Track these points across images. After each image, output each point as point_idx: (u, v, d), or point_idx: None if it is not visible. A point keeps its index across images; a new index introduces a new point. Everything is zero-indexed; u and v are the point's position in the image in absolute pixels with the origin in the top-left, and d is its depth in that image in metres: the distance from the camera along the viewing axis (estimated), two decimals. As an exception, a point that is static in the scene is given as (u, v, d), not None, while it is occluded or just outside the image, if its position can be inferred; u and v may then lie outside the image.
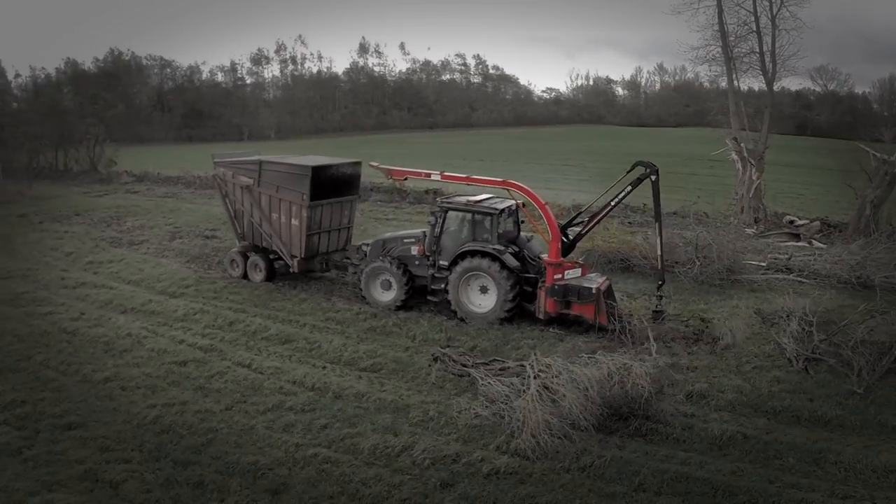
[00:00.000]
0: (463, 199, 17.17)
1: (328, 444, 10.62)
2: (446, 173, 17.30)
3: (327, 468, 9.87)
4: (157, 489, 9.36)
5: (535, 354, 12.16)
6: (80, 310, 16.65)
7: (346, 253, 19.01)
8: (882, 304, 15.69)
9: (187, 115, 74.23)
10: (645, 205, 27.38)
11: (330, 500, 9.14)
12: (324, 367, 13.64)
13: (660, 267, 16.39)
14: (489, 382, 11.90)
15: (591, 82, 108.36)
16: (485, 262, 15.81)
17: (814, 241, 22.83)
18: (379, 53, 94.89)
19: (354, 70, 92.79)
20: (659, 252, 16.28)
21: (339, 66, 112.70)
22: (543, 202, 16.14)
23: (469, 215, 16.50)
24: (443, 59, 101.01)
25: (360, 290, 17.43)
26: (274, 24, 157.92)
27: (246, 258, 19.44)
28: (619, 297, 17.20)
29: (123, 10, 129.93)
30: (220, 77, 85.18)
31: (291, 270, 18.86)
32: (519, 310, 16.09)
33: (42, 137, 39.04)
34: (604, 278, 16.18)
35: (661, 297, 16.09)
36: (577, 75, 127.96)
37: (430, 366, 13.47)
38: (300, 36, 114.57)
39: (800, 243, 22.87)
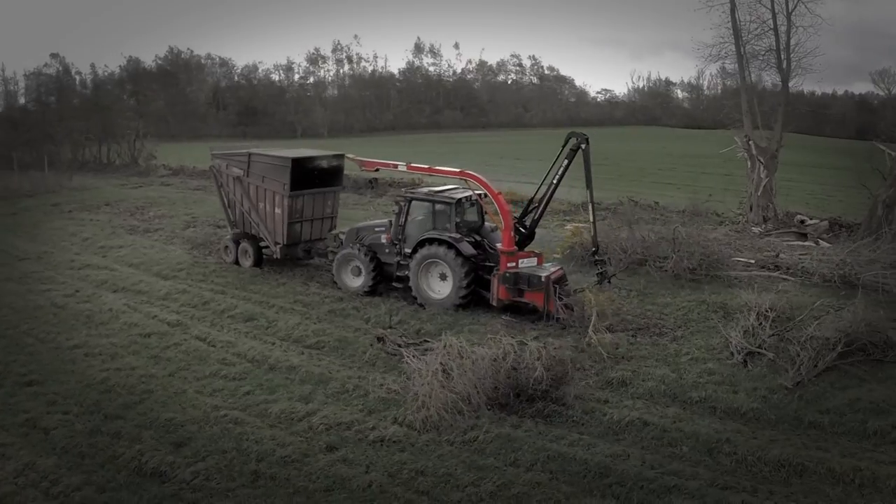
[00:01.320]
0: (426, 189, 18.23)
1: (243, 408, 11.95)
2: (412, 164, 18.42)
3: (231, 427, 11.18)
4: (81, 437, 10.88)
5: (444, 335, 13.10)
6: (77, 288, 18.66)
7: (325, 241, 20.33)
8: (843, 300, 15.78)
9: (242, 112, 78.01)
10: (657, 203, 27.77)
11: (223, 454, 10.41)
12: (273, 343, 15.02)
13: (593, 234, 16.96)
14: (409, 361, 12.94)
15: (650, 84, 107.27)
16: (441, 250, 16.83)
17: (820, 241, 22.73)
18: (434, 53, 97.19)
19: (410, 70, 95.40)
20: (591, 220, 16.92)
21: (394, 65, 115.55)
22: (497, 192, 17.00)
23: (430, 205, 17.55)
24: (499, 60, 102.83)
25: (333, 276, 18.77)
26: (331, 24, 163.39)
27: (238, 245, 21.08)
28: (592, 289, 17.95)
29: (186, 10, 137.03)
30: (277, 76, 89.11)
31: (274, 256, 20.37)
32: (477, 297, 17.01)
33: (87, 132, 42.45)
34: (557, 268, 16.94)
35: (597, 261, 16.88)
36: (639, 77, 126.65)
37: (371, 346, 14.60)
38: (356, 36, 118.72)
39: (806, 243, 22.81)
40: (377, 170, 19.25)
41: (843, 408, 11.65)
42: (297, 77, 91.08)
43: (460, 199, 17.25)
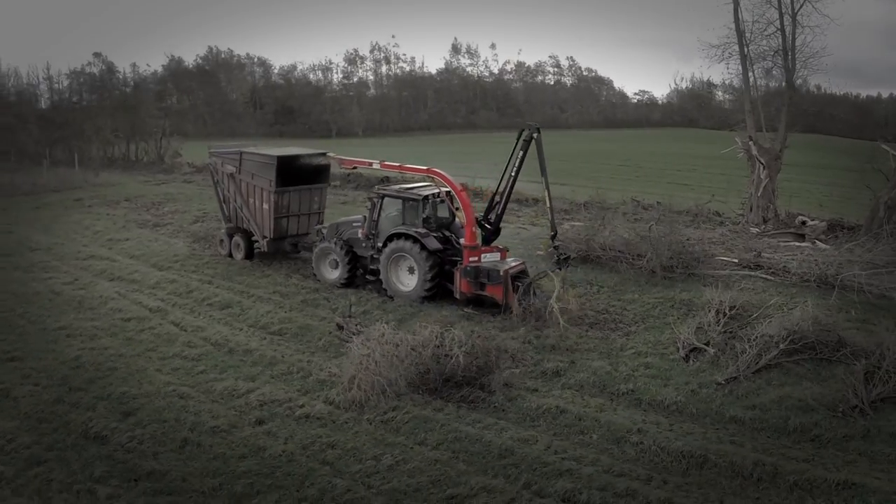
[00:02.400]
0: (398, 186, 19.40)
1: (193, 385, 13.34)
2: (385, 162, 19.63)
3: (176, 401, 12.57)
4: (44, 405, 12.41)
5: (383, 323, 14.22)
6: (76, 276, 20.48)
7: (309, 236, 21.67)
8: (803, 299, 16.28)
9: (279, 111, 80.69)
10: (659, 203, 28.27)
11: (162, 423, 11.77)
12: (240, 329, 16.41)
13: (550, 219, 17.94)
14: (352, 346, 14.12)
15: (692, 85, 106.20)
16: (408, 244, 17.96)
17: (817, 242, 23.03)
18: (471, 54, 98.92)
19: (448, 70, 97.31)
20: (548, 205, 17.82)
21: (432, 66, 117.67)
22: (460, 188, 18.03)
23: (400, 201, 18.72)
24: (537, 62, 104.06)
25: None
26: (370, 25, 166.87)
27: (231, 238, 22.63)
28: (562, 286, 18.86)
29: (227, 11, 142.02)
30: (314, 76, 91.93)
31: (262, 249, 21.84)
32: (444, 290, 18.08)
33: (116, 130, 45.11)
34: (518, 262, 17.89)
35: (556, 246, 17.81)
36: (682, 78, 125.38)
37: (330, 333, 15.86)
38: (393, 36, 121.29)
39: (803, 244, 23.13)
40: (355, 168, 20.50)
41: (769, 404, 12.23)
42: (335, 77, 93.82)
43: (427, 196, 18.35)
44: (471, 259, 17.53)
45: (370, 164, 19.91)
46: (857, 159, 29.66)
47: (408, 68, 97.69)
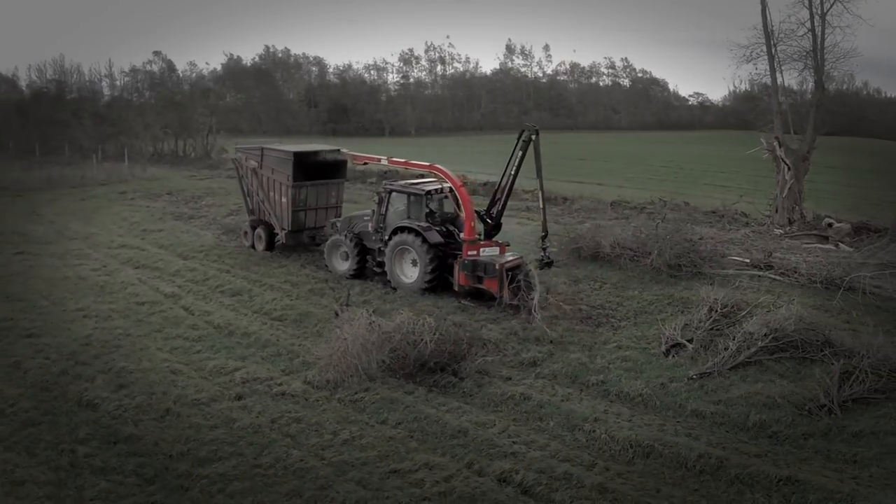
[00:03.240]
0: (404, 181, 20.24)
1: (187, 362, 14.46)
2: (392, 158, 20.53)
3: (168, 375, 13.69)
4: (50, 376, 13.69)
5: (367, 310, 15.01)
6: (105, 264, 22.04)
7: (325, 228, 22.71)
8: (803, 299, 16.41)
9: (332, 110, 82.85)
10: (687, 203, 28.39)
11: (150, 395, 12.87)
12: (244, 315, 17.52)
13: (542, 219, 18.44)
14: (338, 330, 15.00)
15: (748, 87, 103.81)
16: (410, 237, 18.78)
17: (841, 244, 22.84)
18: (525, 55, 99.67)
19: (502, 71, 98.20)
20: (541, 206, 18.35)
21: (486, 66, 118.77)
22: (459, 184, 18.73)
23: (406, 196, 19.56)
24: (591, 63, 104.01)
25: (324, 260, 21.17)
26: (424, 25, 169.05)
27: (254, 230, 23.91)
28: (564, 282, 19.48)
29: (283, 11, 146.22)
30: (368, 75, 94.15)
31: (281, 241, 23.02)
32: (446, 282, 18.82)
33: (165, 127, 47.52)
34: (516, 257, 18.47)
35: (545, 248, 18.37)
36: (740, 80, 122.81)
37: (328, 320, 16.80)
38: (448, 36, 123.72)
39: (826, 246, 22.99)
40: (366, 163, 21.55)
41: (735, 400, 12.51)
42: (390, 77, 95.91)
43: (429, 191, 19.15)
44: (469, 253, 18.20)
45: (379, 159, 20.83)
46: (892, 162, 29.11)
47: (462, 69, 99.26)
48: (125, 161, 43.06)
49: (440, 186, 19.34)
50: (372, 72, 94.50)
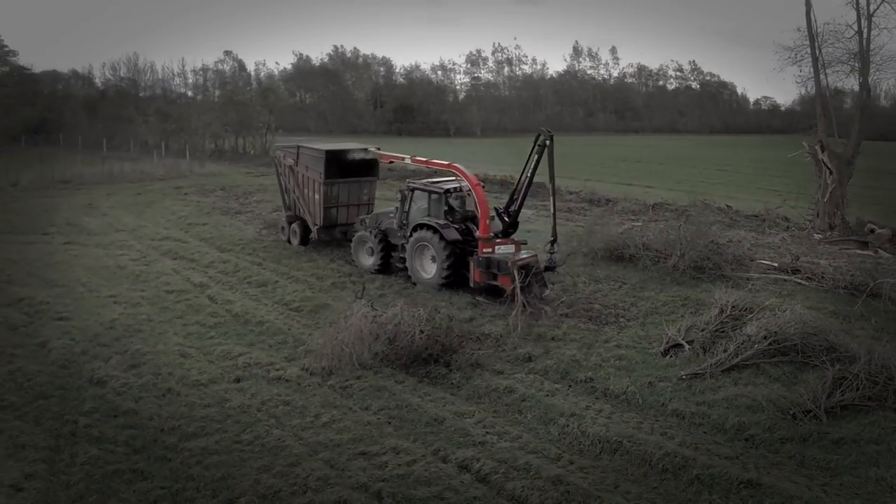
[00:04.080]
0: (427, 180, 20.90)
1: (198, 347, 15.46)
2: (415, 157, 21.20)
3: (177, 358, 14.70)
4: (71, 355, 14.87)
5: (365, 302, 15.68)
6: (145, 254, 23.51)
7: (355, 225, 23.55)
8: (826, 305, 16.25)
9: (398, 110, 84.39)
10: (729, 206, 28.14)
11: (157, 375, 13.89)
12: (265, 305, 18.48)
13: (553, 225, 18.71)
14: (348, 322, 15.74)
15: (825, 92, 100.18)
16: (429, 234, 19.41)
17: (880, 251, 22.29)
18: (592, 57, 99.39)
19: (569, 73, 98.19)
20: (552, 210, 18.56)
21: (553, 68, 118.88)
22: (476, 183, 19.22)
23: (427, 194, 20.20)
24: (659, 66, 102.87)
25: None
26: (492, 27, 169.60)
27: (290, 225, 25.01)
28: (586, 282, 19.84)
29: (351, 12, 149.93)
30: (435, 76, 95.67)
31: (314, 237, 24.02)
32: (464, 279, 19.34)
33: (226, 124, 49.69)
34: (530, 255, 18.84)
35: (552, 252, 18.67)
36: (811, 84, 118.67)
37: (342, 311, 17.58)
38: (515, 38, 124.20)
39: (865, 252, 22.48)
40: (392, 162, 22.36)
41: (719, 401, 12.57)
42: (458, 77, 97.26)
43: (448, 189, 19.74)
44: (484, 250, 18.68)
45: (403, 158, 21.57)
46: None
47: (529, 70, 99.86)
48: (186, 157, 45.31)
49: (460, 185, 19.88)
50: (438, 72, 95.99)
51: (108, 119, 52.52)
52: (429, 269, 19.73)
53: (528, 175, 19.03)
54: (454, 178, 20.27)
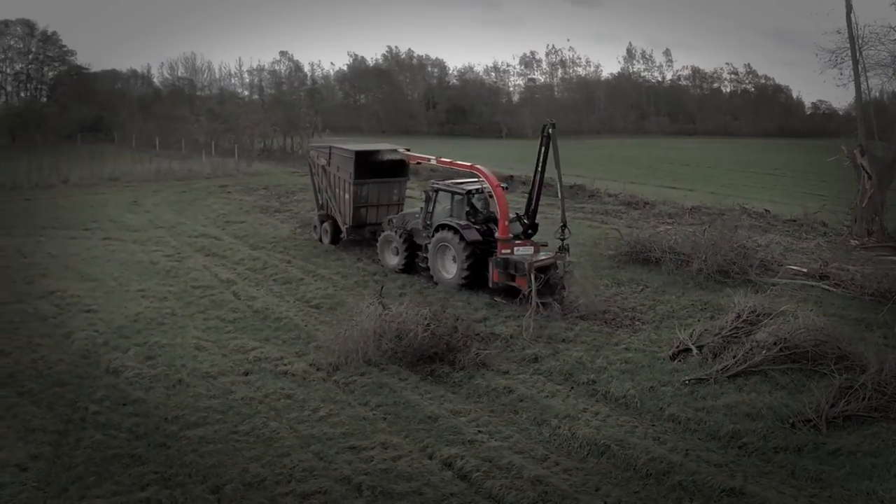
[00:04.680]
0: (450, 181, 21.19)
1: (214, 341, 16.06)
2: (441, 158, 21.55)
3: (192, 351, 15.29)
4: (92, 346, 15.60)
5: (381, 303, 15.99)
6: (179, 250, 24.40)
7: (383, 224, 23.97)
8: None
9: (451, 111, 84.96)
10: (767, 211, 27.77)
11: (170, 366, 14.49)
12: (286, 301, 19.04)
13: (561, 211, 18.94)
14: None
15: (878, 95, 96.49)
16: (450, 235, 19.71)
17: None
18: (645, 59, 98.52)
19: (623, 75, 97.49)
20: (560, 197, 18.76)
21: (606, 70, 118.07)
22: (496, 184, 19.40)
23: (450, 195, 20.50)
24: (714, 69, 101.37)
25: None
26: (545, 29, 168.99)
27: (322, 224, 25.63)
28: (608, 284, 19.90)
29: (406, 14, 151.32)
30: (488, 77, 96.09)
31: (342, 237, 24.58)
32: (483, 279, 19.54)
33: (274, 124, 50.96)
34: (549, 257, 18.92)
35: (563, 238, 18.75)
36: (870, 88, 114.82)
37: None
38: (568, 40, 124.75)
39: (899, 258, 21.87)
40: (418, 163, 22.80)
41: (719, 408, 12.51)
42: (511, 79, 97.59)
43: (470, 191, 20.00)
44: (503, 251, 18.86)
45: (429, 159, 21.95)
46: None
47: (583, 72, 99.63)
48: (234, 156, 46.64)
49: (482, 186, 20.10)
50: (492, 74, 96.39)
51: (161, 118, 54.50)
52: (450, 269, 20.01)
53: (539, 171, 19.13)
54: (477, 179, 20.51)
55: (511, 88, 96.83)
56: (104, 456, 11.06)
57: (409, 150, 23.94)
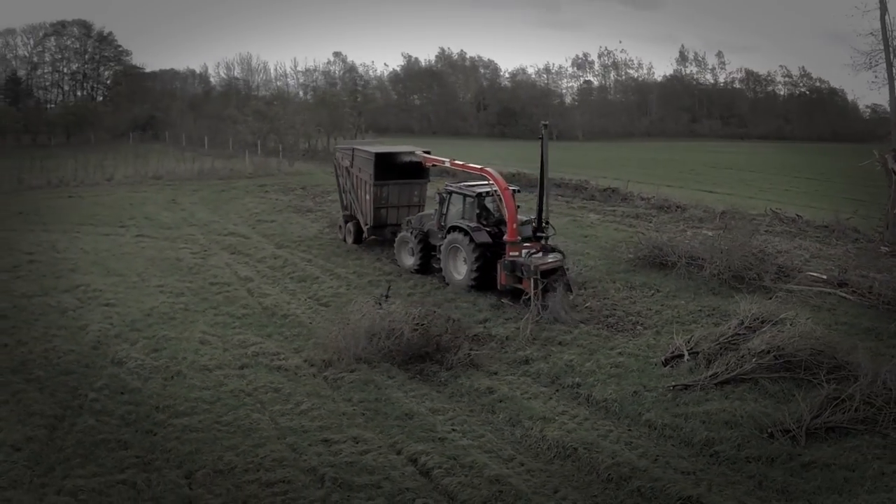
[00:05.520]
0: (464, 183, 21.52)
1: (219, 335, 16.73)
2: (454, 161, 21.92)
3: (196, 344, 15.99)
4: (105, 338, 16.40)
5: (378, 302, 16.43)
6: (206, 248, 25.33)
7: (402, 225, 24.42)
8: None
9: (501, 112, 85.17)
10: (799, 216, 27.36)
11: (173, 358, 15.21)
12: (298, 298, 19.66)
13: (543, 208, 19.36)
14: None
15: None
16: (460, 237, 20.05)
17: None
18: (698, 62, 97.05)
19: (675, 77, 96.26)
20: (539, 194, 19.35)
21: (658, 72, 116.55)
22: (505, 187, 19.62)
23: (462, 197, 20.83)
24: (767, 71, 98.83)
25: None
26: (596, 31, 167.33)
27: (346, 224, 26.27)
28: (619, 288, 19.97)
29: (460, 15, 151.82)
30: (539, 79, 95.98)
31: (364, 237, 25.16)
32: (494, 281, 19.79)
33: (318, 125, 52.09)
34: (555, 259, 19.07)
35: (545, 237, 19.26)
36: None
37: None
38: (620, 41, 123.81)
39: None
40: (434, 165, 23.23)
41: (697, 415, 12.51)
42: (564, 81, 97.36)
43: (480, 193, 20.30)
44: (511, 253, 19.09)
45: (443, 162, 22.35)
46: None
47: (635, 74, 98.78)
48: (279, 156, 47.88)
49: (492, 188, 20.36)
50: (544, 76, 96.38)
51: (210, 118, 56.31)
52: (461, 270, 20.34)
53: (541, 169, 19.34)
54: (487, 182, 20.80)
55: (563, 91, 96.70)
56: (93, 440, 11.76)
57: (428, 152, 24.36)
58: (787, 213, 27.51)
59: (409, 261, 22.30)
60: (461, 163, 21.99)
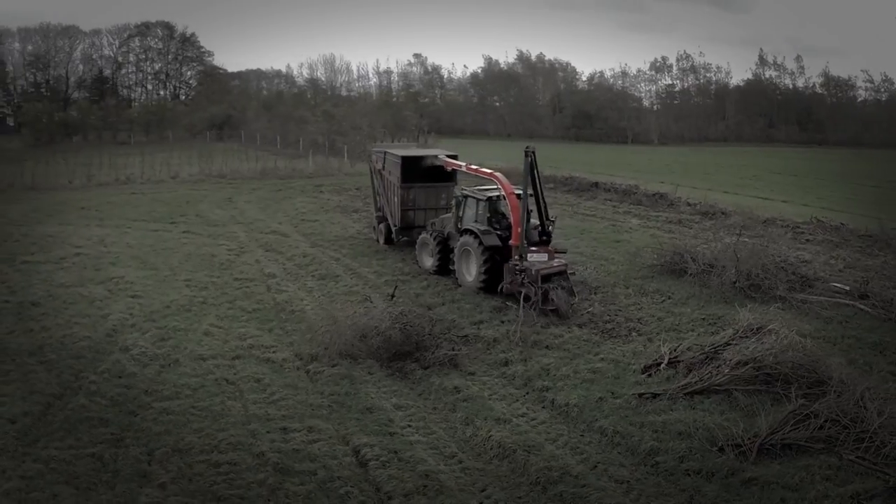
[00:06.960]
0: (478, 187, 21.98)
1: (225, 328, 17.80)
2: (470, 165, 22.44)
3: (200, 336, 17.10)
4: (122, 327, 17.75)
5: (370, 299, 17.14)
6: (243, 245, 26.69)
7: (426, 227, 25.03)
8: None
9: (577, 115, 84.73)
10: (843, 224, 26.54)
11: (175, 348, 16.39)
12: (313, 295, 20.59)
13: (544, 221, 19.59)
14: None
15: None
16: (470, 239, 20.57)
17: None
18: (777, 66, 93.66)
19: (754, 82, 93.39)
20: (532, 209, 19.71)
21: (737, 76, 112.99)
22: (511, 192, 19.96)
23: (475, 201, 21.34)
24: (848, 76, 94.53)
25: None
26: (678, 33, 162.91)
27: (379, 225, 27.15)
28: (629, 294, 20.12)
29: (539, 17, 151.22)
30: (616, 82, 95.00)
31: (394, 238, 25.96)
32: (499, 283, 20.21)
33: (383, 126, 53.36)
34: (560, 264, 19.31)
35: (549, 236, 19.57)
36: None
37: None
38: (698, 45, 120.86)
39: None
40: (453, 169, 23.83)
41: (652, 424, 12.61)
42: (641, 85, 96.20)
43: (490, 197, 20.75)
44: (516, 257, 19.47)
45: (461, 166, 22.92)
46: None
47: (714, 78, 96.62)
48: (344, 156, 49.40)
49: (500, 193, 20.76)
50: (620, 80, 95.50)
51: (283, 118, 58.51)
52: (472, 272, 20.83)
53: (537, 190, 19.65)
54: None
55: (641, 94, 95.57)
56: (80, 417, 12.95)
57: (455, 156, 24.94)
58: (831, 222, 26.62)
59: (429, 262, 22.95)
60: (475, 167, 22.49)
